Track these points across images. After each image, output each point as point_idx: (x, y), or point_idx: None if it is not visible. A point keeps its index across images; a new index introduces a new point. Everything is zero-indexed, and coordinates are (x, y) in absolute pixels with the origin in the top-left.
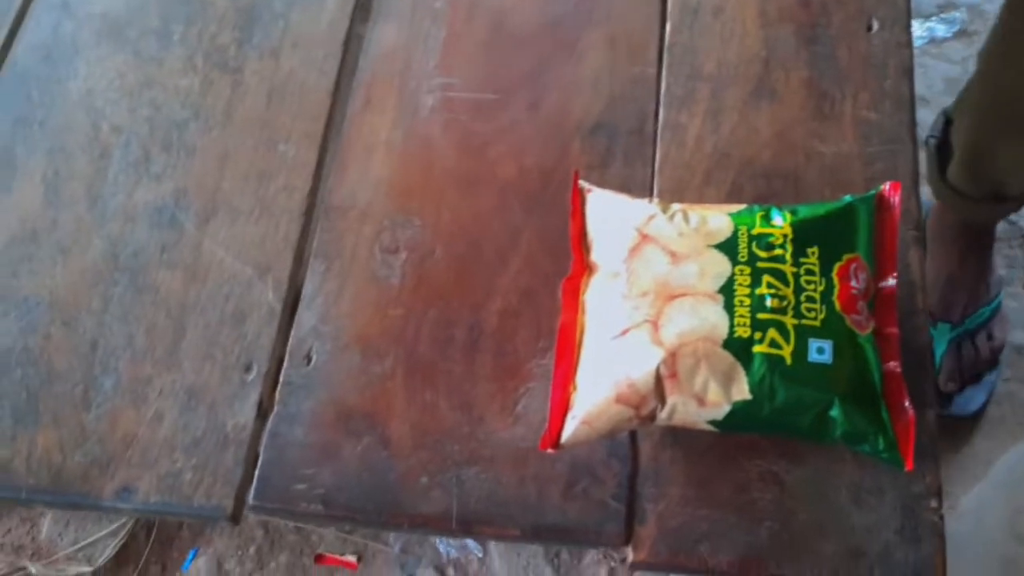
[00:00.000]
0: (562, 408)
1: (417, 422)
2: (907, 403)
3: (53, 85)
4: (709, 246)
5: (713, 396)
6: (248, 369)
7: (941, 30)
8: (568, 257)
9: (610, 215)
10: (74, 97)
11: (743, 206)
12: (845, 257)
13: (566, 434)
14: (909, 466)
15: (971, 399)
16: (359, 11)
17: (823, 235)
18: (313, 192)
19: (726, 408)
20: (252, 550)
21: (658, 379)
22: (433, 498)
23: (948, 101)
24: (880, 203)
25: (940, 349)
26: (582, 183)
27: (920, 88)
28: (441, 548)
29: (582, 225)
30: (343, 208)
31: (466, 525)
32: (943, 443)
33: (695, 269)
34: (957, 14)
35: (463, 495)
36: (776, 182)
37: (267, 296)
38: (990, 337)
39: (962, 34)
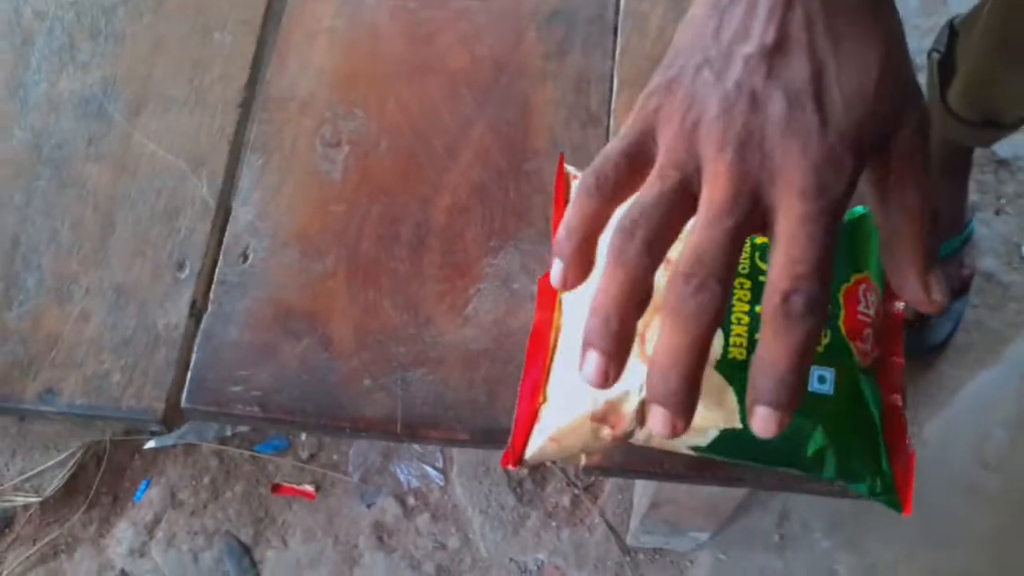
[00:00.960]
0: (528, 420)
1: (360, 322)
2: (908, 441)
3: None
4: None
5: (698, 421)
6: (181, 267)
7: None
8: (522, 151)
9: None
10: None
11: None
12: (854, 277)
13: (531, 450)
14: (907, 511)
15: (937, 329)
16: None
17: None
18: (251, 83)
19: (712, 435)
20: (207, 480)
21: (640, 400)
22: (376, 401)
23: (921, 22)
24: None
25: None
26: (568, 167)
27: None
28: (401, 477)
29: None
30: (283, 99)
31: (411, 429)
32: (909, 371)
33: None
34: None
35: (408, 398)
36: None
37: (201, 191)
38: (961, 266)
39: None
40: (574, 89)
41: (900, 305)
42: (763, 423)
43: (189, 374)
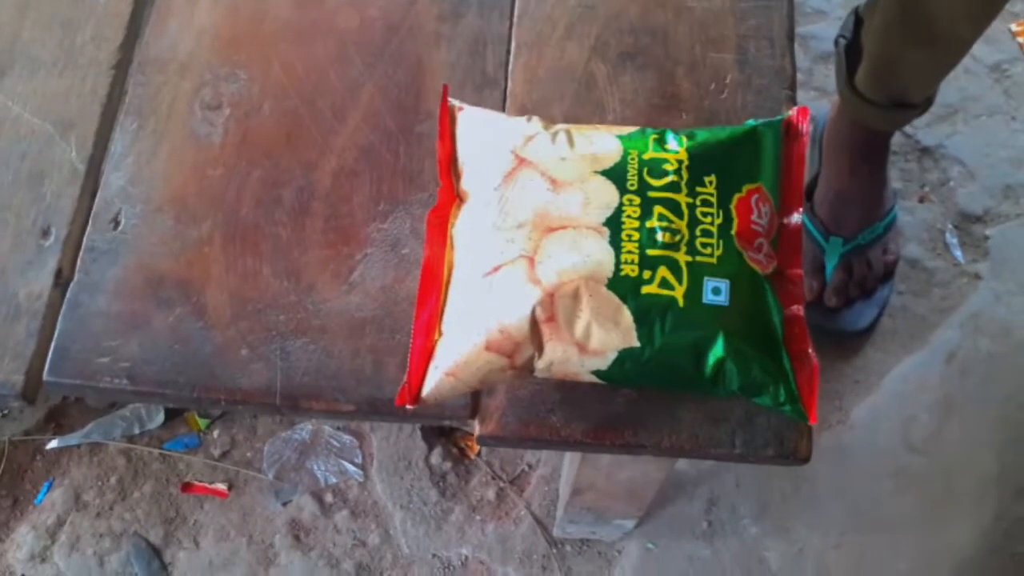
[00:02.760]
0: (424, 357)
1: (237, 290)
2: (810, 350)
3: None
4: (595, 172)
5: (596, 343)
6: (45, 234)
7: None
8: (414, 114)
9: (483, 136)
10: None
11: (634, 128)
12: (746, 188)
13: (427, 387)
14: (813, 419)
15: (860, 314)
16: None
17: (723, 162)
18: (127, 44)
19: (611, 356)
20: (113, 480)
21: (534, 323)
22: (254, 371)
23: (842, 13)
24: (787, 130)
25: (832, 263)
26: (452, 101)
27: (818, 1)
28: (318, 474)
29: (451, 148)
30: (161, 61)
31: (292, 400)
32: (834, 356)
33: (579, 198)
34: None
35: (288, 368)
36: (643, 37)
37: (69, 155)
38: (885, 251)
39: None
40: (469, 52)
41: (796, 217)
42: None
43: (52, 345)
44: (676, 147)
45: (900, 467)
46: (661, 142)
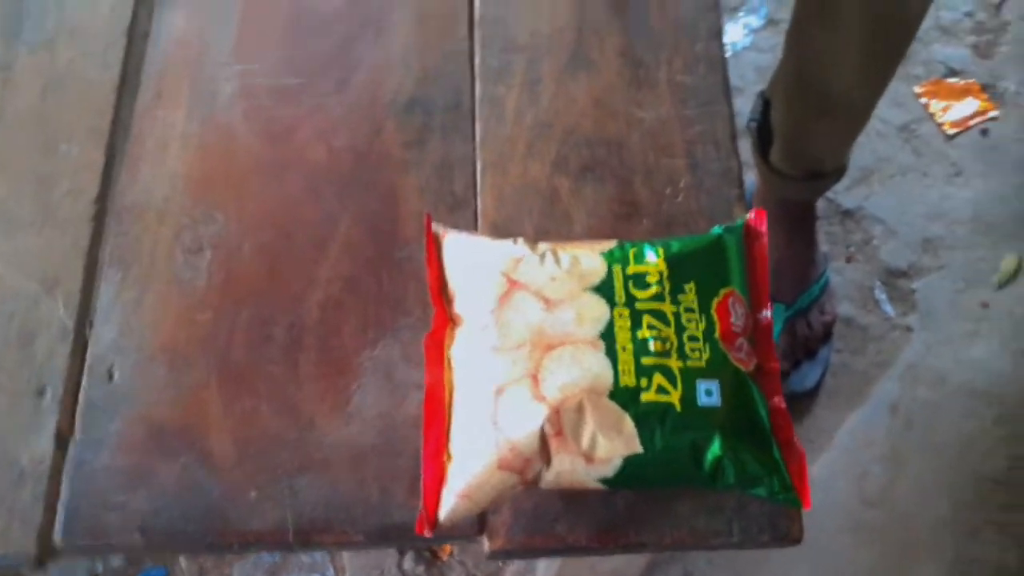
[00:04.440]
0: (436, 482)
1: (238, 433)
2: (795, 439)
3: None
4: (584, 289)
5: (602, 452)
6: (41, 393)
7: (753, 22)
8: (392, 240)
9: (471, 260)
10: None
11: (613, 243)
12: (722, 292)
13: (443, 512)
14: (807, 505)
15: (807, 375)
16: None
17: (698, 269)
18: (103, 195)
19: (616, 463)
20: None
21: (543, 439)
22: (264, 512)
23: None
24: (748, 232)
25: (777, 329)
26: (436, 227)
27: (733, 79)
28: None
29: (440, 273)
30: (138, 209)
31: (304, 536)
32: None
33: (572, 315)
34: (760, 3)
35: (298, 505)
36: (599, 150)
37: (57, 312)
38: (822, 312)
39: (770, 23)
40: (437, 175)
41: (767, 313)
42: None
43: (60, 507)
44: (654, 259)
45: (858, 521)
46: (640, 256)
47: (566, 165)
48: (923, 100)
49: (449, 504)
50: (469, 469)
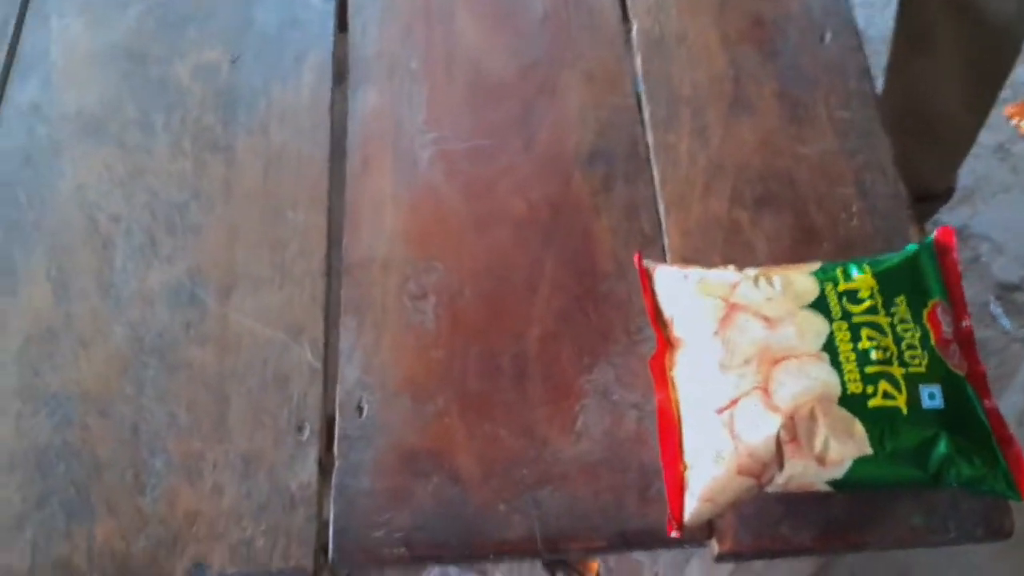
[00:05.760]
0: (678, 488)
1: (482, 453)
2: (1011, 433)
3: (40, 186)
4: (801, 307)
5: (834, 455)
6: (300, 429)
7: None
8: (593, 277)
9: (684, 288)
10: (64, 194)
11: (817, 264)
12: (930, 303)
13: (688, 514)
14: None
15: None
16: (337, 80)
17: (904, 283)
18: (330, 253)
19: (847, 465)
20: None
21: (778, 444)
22: (514, 523)
23: None
24: (938, 248)
25: None
26: (646, 262)
27: None
28: None
29: (655, 302)
30: (363, 263)
31: (552, 543)
32: None
33: (793, 331)
34: None
35: (543, 515)
36: (772, 184)
37: (305, 356)
38: None
39: None
40: (625, 217)
41: (967, 322)
42: None
43: (331, 527)
44: (862, 275)
45: None
46: (847, 274)
47: (742, 199)
48: (1014, 121)
49: (692, 507)
50: (709, 474)
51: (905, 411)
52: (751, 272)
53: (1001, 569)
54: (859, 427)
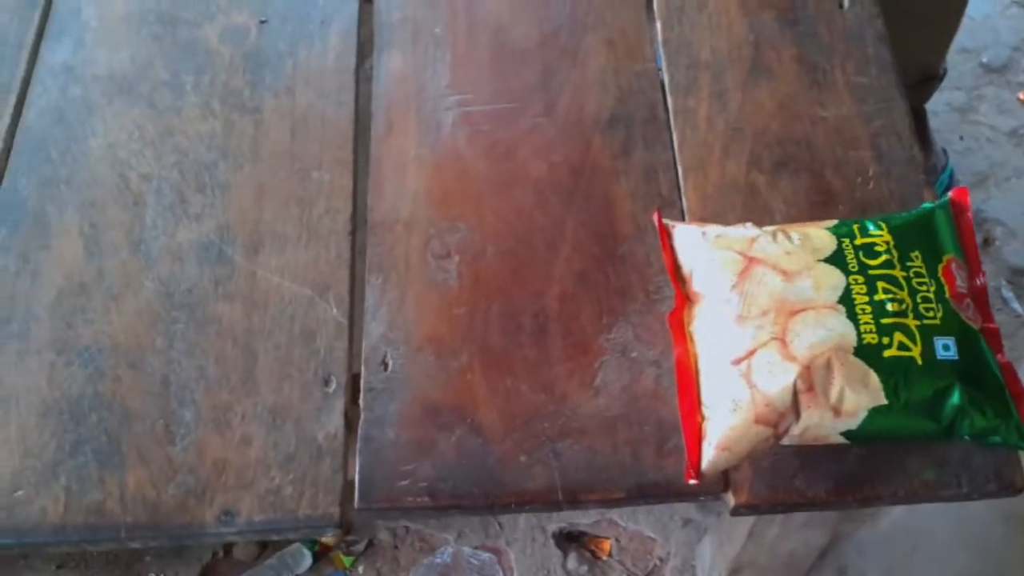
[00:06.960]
0: (696, 437)
1: (504, 408)
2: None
3: (72, 144)
4: (819, 260)
5: (849, 405)
6: (327, 382)
7: None
8: (612, 239)
9: (704, 244)
10: (96, 153)
11: (834, 221)
12: (945, 258)
13: (705, 462)
14: None
15: None
16: (362, 45)
17: (920, 239)
18: (355, 212)
19: (862, 416)
20: None
21: (795, 394)
22: (535, 475)
23: None
24: (954, 207)
25: None
26: (666, 220)
27: None
28: None
29: (674, 259)
30: (388, 223)
31: (572, 495)
32: None
33: (810, 283)
34: None
35: (563, 467)
36: (790, 147)
37: (331, 312)
38: None
39: None
40: (644, 180)
41: (981, 279)
42: None
43: (357, 477)
44: (878, 231)
45: (1009, 511)
46: (864, 230)
47: (760, 163)
48: None
49: (710, 456)
50: (727, 423)
51: (920, 362)
52: (769, 228)
53: (1015, 545)
54: (874, 378)
